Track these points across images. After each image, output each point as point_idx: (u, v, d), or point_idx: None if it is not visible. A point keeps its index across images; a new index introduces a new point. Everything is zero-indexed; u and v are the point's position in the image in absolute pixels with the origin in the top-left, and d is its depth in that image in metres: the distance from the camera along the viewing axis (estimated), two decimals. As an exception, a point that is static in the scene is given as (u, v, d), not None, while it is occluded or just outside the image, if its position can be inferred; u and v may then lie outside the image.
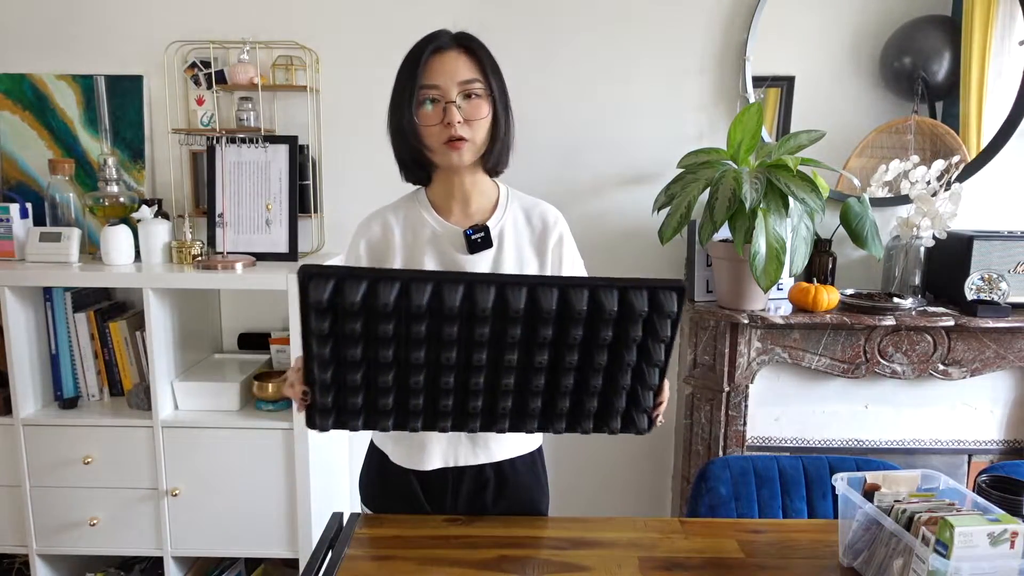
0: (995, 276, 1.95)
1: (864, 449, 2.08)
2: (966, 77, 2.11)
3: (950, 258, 2.01)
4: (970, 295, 1.96)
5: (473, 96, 1.20)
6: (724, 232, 1.84)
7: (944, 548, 0.94)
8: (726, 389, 1.99)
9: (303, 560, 1.95)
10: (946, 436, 2.09)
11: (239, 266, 1.92)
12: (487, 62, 1.22)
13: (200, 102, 2.16)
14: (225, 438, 1.92)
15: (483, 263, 1.27)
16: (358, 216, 1.35)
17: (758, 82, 2.12)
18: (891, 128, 2.15)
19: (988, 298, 1.95)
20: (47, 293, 1.99)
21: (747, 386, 2.00)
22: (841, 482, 1.13)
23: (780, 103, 2.16)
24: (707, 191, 1.81)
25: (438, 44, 1.20)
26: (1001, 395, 2.07)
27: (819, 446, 2.08)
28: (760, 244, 1.73)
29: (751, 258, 1.72)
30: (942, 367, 1.98)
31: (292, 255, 2.08)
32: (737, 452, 2.02)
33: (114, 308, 2.12)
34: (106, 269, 1.93)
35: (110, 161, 2.04)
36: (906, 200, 2.10)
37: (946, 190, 2.01)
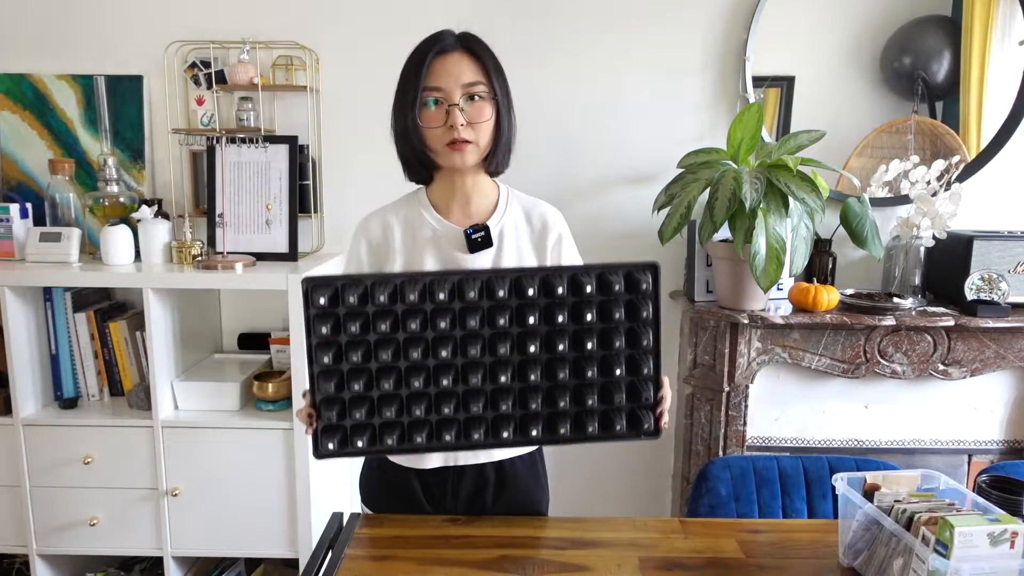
0: (995, 276, 1.95)
1: (864, 449, 2.08)
2: (966, 77, 2.11)
3: (950, 258, 2.01)
4: (970, 295, 1.96)
5: (476, 98, 1.20)
6: (724, 232, 1.84)
7: (944, 548, 0.94)
8: (726, 389, 1.99)
9: (303, 560, 1.95)
10: (946, 436, 2.09)
11: (239, 266, 1.92)
12: (491, 64, 1.22)
13: (200, 102, 2.16)
14: (225, 438, 1.92)
15: (483, 262, 1.27)
16: (358, 216, 1.35)
17: (758, 82, 2.12)
18: (891, 128, 2.15)
19: (988, 298, 1.95)
20: (47, 293, 1.99)
21: (747, 386, 2.00)
22: (841, 482, 1.14)
23: (780, 103, 2.16)
24: (707, 191, 1.81)
25: (442, 46, 1.20)
26: (1001, 395, 2.07)
27: (819, 446, 2.08)
28: (760, 244, 1.73)
29: (751, 258, 1.72)
30: (942, 367, 1.98)
31: (292, 255, 2.08)
32: (737, 452, 2.02)
33: (114, 308, 2.12)
34: (106, 269, 1.93)
35: (110, 161, 2.04)
36: (906, 200, 2.10)
37: (946, 190, 2.01)
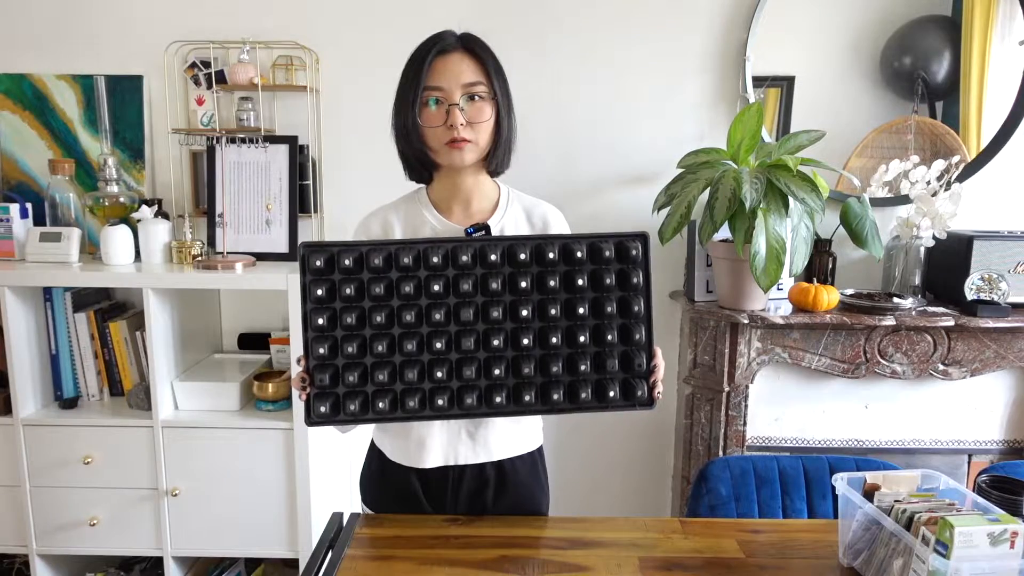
0: (995, 276, 1.95)
1: (864, 449, 2.08)
2: (966, 77, 2.11)
3: (950, 258, 2.01)
4: (970, 295, 1.96)
5: (476, 98, 1.21)
6: (724, 232, 1.84)
7: (944, 548, 0.94)
8: (726, 389, 1.99)
9: (303, 560, 1.95)
10: (946, 436, 2.09)
11: (239, 266, 1.92)
12: (491, 64, 1.23)
13: (200, 102, 2.16)
14: (225, 438, 1.92)
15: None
16: (358, 216, 1.35)
17: (758, 82, 2.12)
18: (891, 128, 2.15)
19: (988, 298, 1.95)
20: (47, 293, 1.99)
21: (747, 386, 2.00)
22: (841, 482, 1.14)
23: (780, 103, 2.16)
24: (707, 191, 1.80)
25: (443, 46, 1.20)
26: (1001, 395, 2.07)
27: (819, 446, 2.08)
28: (760, 244, 1.73)
29: (751, 258, 1.72)
30: (942, 367, 1.98)
31: (292, 255, 2.08)
32: (737, 452, 2.02)
33: (114, 308, 2.12)
34: (106, 269, 1.93)
35: (110, 161, 2.04)
36: (906, 200, 2.10)
37: (946, 190, 2.01)
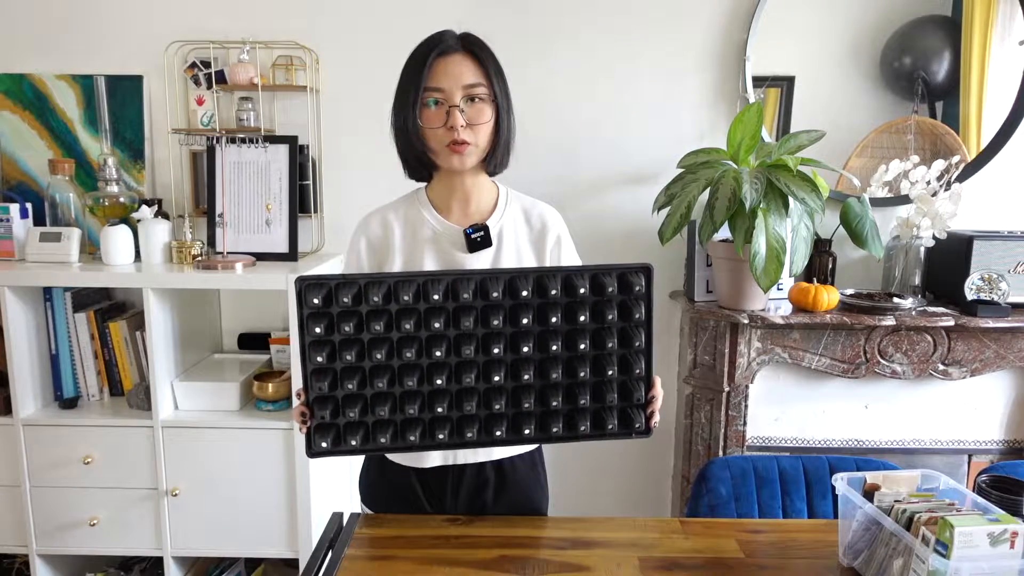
0: (995, 276, 1.95)
1: (864, 449, 2.08)
2: (966, 77, 2.11)
3: (950, 258, 2.01)
4: (970, 295, 1.96)
5: (477, 100, 1.21)
6: (724, 232, 1.84)
7: (944, 548, 0.94)
8: (726, 389, 1.99)
9: (303, 560, 1.95)
10: (946, 436, 2.08)
11: (239, 266, 1.92)
12: (491, 65, 1.22)
13: (200, 102, 2.16)
14: (225, 438, 1.92)
15: (482, 262, 1.27)
16: (358, 216, 1.35)
17: (758, 82, 2.12)
18: (891, 128, 2.15)
19: (988, 298, 1.95)
20: (47, 293, 1.99)
21: (747, 386, 2.00)
22: (841, 482, 1.13)
23: (780, 103, 2.16)
24: (707, 191, 1.81)
25: (444, 47, 1.20)
26: (1001, 395, 2.07)
27: (819, 446, 2.08)
28: (760, 244, 1.73)
29: (751, 258, 1.72)
30: (942, 367, 1.98)
31: (292, 255, 2.08)
32: (737, 452, 2.02)
33: (114, 308, 2.12)
34: (106, 269, 1.93)
35: (110, 161, 2.04)
36: (906, 200, 2.10)
37: (946, 190, 2.01)
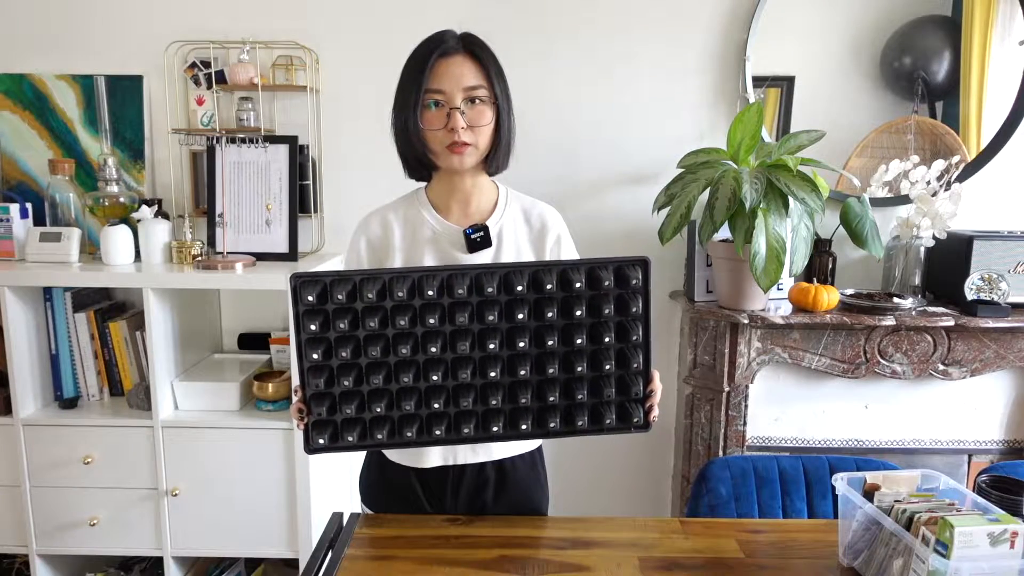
0: (995, 276, 1.95)
1: (864, 449, 2.08)
2: (966, 77, 2.11)
3: (950, 258, 2.01)
4: (970, 295, 1.96)
5: (477, 102, 1.20)
6: (724, 232, 1.84)
7: (944, 548, 0.94)
8: (726, 389, 1.99)
9: (303, 560, 1.95)
10: (946, 436, 2.09)
11: (239, 266, 1.92)
12: (492, 67, 1.22)
13: (200, 102, 2.16)
14: (225, 438, 1.92)
15: (482, 262, 1.27)
16: (358, 216, 1.35)
17: (758, 82, 2.12)
18: (891, 128, 2.15)
19: (988, 298, 1.95)
20: (47, 293, 1.99)
21: (747, 386, 2.00)
22: (841, 482, 1.13)
23: (780, 103, 2.16)
24: (707, 191, 1.81)
25: (445, 48, 1.20)
26: (1001, 395, 2.07)
27: (819, 446, 2.08)
28: (760, 244, 1.73)
29: (751, 258, 1.72)
30: (942, 367, 1.98)
31: (292, 255, 2.08)
32: (737, 452, 2.02)
33: (114, 308, 2.12)
34: (106, 269, 1.93)
35: (110, 161, 2.04)
36: (906, 200, 2.10)
37: (946, 190, 2.01)
